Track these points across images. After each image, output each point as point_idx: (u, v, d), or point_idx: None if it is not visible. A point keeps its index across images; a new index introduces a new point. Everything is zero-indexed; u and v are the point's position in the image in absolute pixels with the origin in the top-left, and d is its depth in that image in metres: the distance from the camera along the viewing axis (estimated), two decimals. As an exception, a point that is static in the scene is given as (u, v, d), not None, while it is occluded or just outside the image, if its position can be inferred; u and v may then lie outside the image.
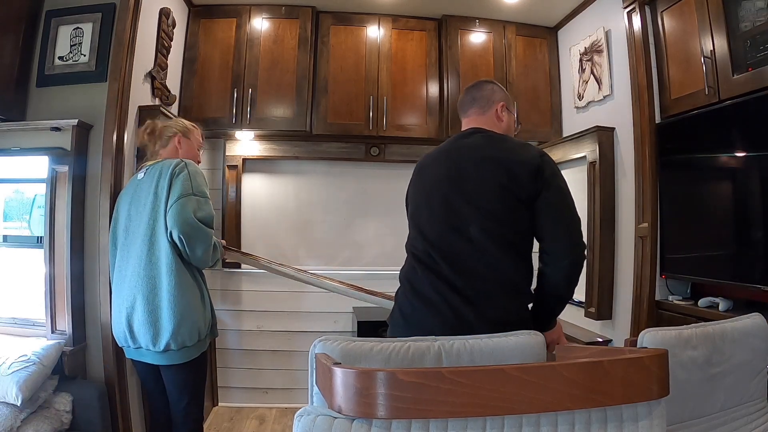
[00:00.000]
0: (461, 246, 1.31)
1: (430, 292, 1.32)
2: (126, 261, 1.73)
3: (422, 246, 1.38)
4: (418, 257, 1.38)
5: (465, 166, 1.37)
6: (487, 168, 1.34)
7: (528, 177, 1.30)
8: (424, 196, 1.44)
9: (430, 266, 1.34)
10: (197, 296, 1.74)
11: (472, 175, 1.35)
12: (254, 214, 3.18)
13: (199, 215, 1.67)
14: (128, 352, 1.79)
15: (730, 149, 1.99)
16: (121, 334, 1.74)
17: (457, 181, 1.36)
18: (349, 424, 0.68)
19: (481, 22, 3.09)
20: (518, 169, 1.31)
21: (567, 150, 2.86)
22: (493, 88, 1.53)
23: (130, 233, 1.74)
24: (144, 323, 1.66)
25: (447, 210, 1.36)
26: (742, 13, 1.85)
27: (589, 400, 0.68)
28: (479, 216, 1.31)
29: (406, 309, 1.38)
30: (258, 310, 3.13)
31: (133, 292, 1.68)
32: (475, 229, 1.30)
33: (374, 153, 3.17)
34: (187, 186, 1.68)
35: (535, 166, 1.31)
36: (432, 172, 1.45)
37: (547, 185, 1.30)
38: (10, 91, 2.06)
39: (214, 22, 2.94)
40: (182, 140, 1.90)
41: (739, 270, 1.94)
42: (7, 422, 1.67)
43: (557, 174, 1.34)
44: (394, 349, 1.02)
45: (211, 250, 1.74)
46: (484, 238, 1.29)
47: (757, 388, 1.36)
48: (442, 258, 1.32)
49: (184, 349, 1.69)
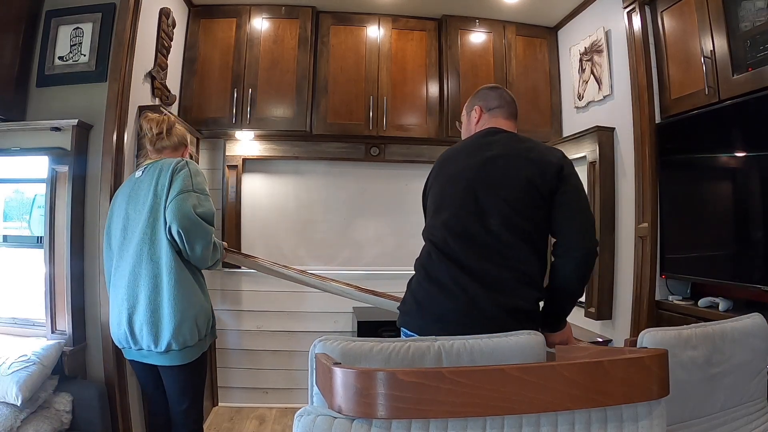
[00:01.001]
0: (480, 234, 1.35)
1: (445, 277, 1.34)
2: (124, 261, 1.71)
3: (440, 233, 1.40)
4: (435, 244, 1.41)
5: (494, 158, 1.41)
6: (517, 164, 1.39)
7: (553, 175, 1.36)
8: (448, 184, 1.47)
9: (447, 253, 1.37)
10: (198, 294, 1.72)
11: (499, 167, 1.39)
12: (254, 214, 3.18)
13: (199, 211, 1.66)
14: (128, 353, 1.77)
15: (730, 149, 1.99)
16: (122, 336, 1.71)
17: (483, 171, 1.40)
18: (349, 424, 0.68)
19: (481, 22, 3.09)
20: (546, 168, 1.37)
21: (567, 150, 2.84)
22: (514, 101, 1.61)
23: (128, 232, 1.72)
24: (146, 323, 1.64)
25: (470, 199, 1.39)
26: (742, 13, 1.85)
27: (589, 400, 0.68)
28: (502, 206, 1.35)
29: (420, 295, 1.39)
30: (258, 310, 3.13)
31: (134, 292, 1.66)
32: (495, 219, 1.34)
33: (374, 153, 3.17)
34: (187, 182, 1.68)
35: (559, 166, 1.38)
36: (458, 163, 1.48)
37: (566, 182, 1.37)
38: (10, 91, 2.06)
39: (214, 22, 2.94)
40: (185, 153, 1.92)
41: (739, 270, 1.94)
42: (7, 422, 1.67)
43: (575, 174, 1.41)
44: (394, 349, 1.02)
45: (211, 249, 1.72)
46: (504, 228, 1.33)
47: (757, 388, 1.36)
48: (460, 245, 1.35)
49: (186, 349, 1.68)
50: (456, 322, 1.29)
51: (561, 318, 1.44)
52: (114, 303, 1.74)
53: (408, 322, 1.40)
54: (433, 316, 1.34)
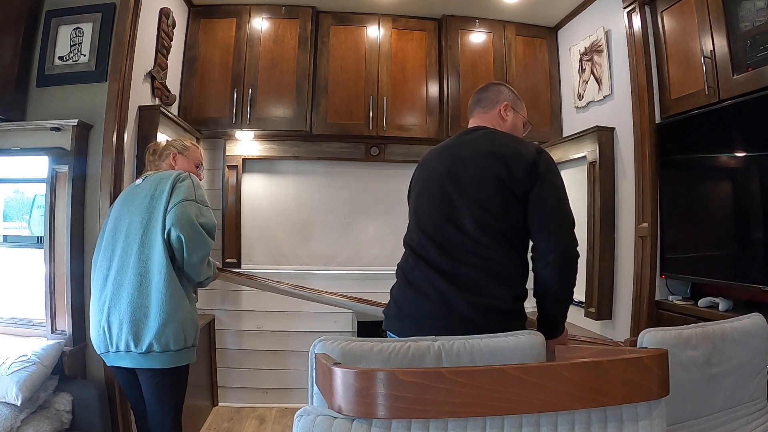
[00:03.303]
0: (455, 237, 1.33)
1: (422, 281, 1.34)
2: (110, 260, 1.67)
3: (418, 238, 1.40)
4: (413, 248, 1.41)
5: (463, 159, 1.39)
6: (484, 162, 1.35)
7: (524, 172, 1.31)
8: (424, 189, 1.46)
9: (423, 257, 1.36)
10: (186, 301, 1.67)
11: (469, 168, 1.37)
12: (254, 214, 3.18)
13: (202, 221, 1.65)
14: (108, 359, 1.68)
15: (730, 149, 1.99)
16: (99, 337, 1.64)
17: (455, 174, 1.38)
18: (349, 424, 0.68)
19: (481, 22, 3.09)
20: (515, 164, 1.32)
21: (567, 150, 2.86)
22: (500, 90, 1.57)
23: (117, 232, 1.70)
24: (126, 321, 1.58)
25: (443, 202, 1.38)
26: (742, 13, 1.85)
27: (589, 400, 0.68)
28: (474, 208, 1.32)
29: (400, 300, 1.40)
30: (258, 310, 3.13)
31: (117, 291, 1.62)
32: (469, 221, 1.32)
33: (374, 153, 3.17)
34: (190, 192, 1.67)
35: (531, 161, 1.31)
36: (433, 166, 1.47)
37: (541, 180, 1.31)
38: (10, 91, 2.06)
39: (214, 22, 2.94)
40: (177, 157, 1.90)
41: (739, 270, 1.94)
42: (7, 422, 1.67)
43: (552, 171, 1.34)
44: (394, 349, 1.02)
45: (206, 263, 1.71)
46: (478, 230, 1.31)
47: (757, 388, 1.36)
48: (435, 248, 1.34)
49: (168, 353, 1.61)
50: (432, 325, 1.28)
51: (552, 325, 1.36)
52: (95, 303, 1.69)
53: (390, 324, 1.41)
54: (411, 319, 1.34)
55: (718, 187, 2.10)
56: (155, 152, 1.93)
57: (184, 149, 1.92)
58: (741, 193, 1.96)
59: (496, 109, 1.53)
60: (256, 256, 3.17)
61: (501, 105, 1.53)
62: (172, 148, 1.92)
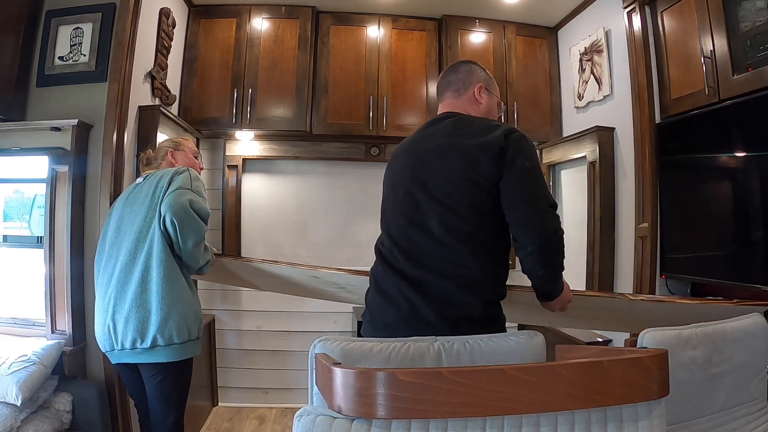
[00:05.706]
0: (421, 241, 1.26)
1: (391, 289, 1.29)
2: (115, 259, 1.68)
3: (387, 243, 1.34)
4: (382, 254, 1.35)
5: (428, 157, 1.31)
6: (449, 159, 1.27)
7: (490, 162, 1.22)
8: (390, 190, 1.41)
9: (391, 263, 1.30)
10: (187, 292, 1.69)
11: (433, 168, 1.29)
12: (254, 214, 3.18)
13: (195, 207, 1.66)
14: (112, 356, 1.69)
15: (730, 149, 1.99)
16: (105, 335, 1.65)
17: (419, 174, 1.31)
18: (349, 424, 0.68)
19: (481, 22, 3.09)
20: (480, 155, 1.23)
21: (567, 150, 2.86)
22: (471, 69, 1.45)
23: (121, 231, 1.71)
24: (132, 318, 1.59)
25: (408, 204, 1.31)
26: (742, 13, 1.85)
27: (589, 400, 0.68)
28: (440, 211, 1.25)
29: (372, 306, 1.36)
30: (258, 310, 3.13)
31: (123, 289, 1.63)
32: (435, 224, 1.25)
33: (374, 153, 3.17)
34: (186, 182, 1.68)
35: (497, 148, 1.22)
36: (398, 163, 1.41)
37: (509, 167, 1.21)
38: (10, 91, 2.06)
39: (214, 22, 2.94)
40: (175, 154, 1.91)
41: (739, 270, 1.94)
42: (7, 422, 1.67)
43: (523, 152, 1.23)
44: (394, 349, 1.02)
45: (202, 248, 1.71)
46: (445, 233, 1.24)
47: (757, 388, 1.36)
48: (401, 253, 1.28)
49: (172, 346, 1.62)
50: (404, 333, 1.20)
51: (544, 293, 1.31)
52: (100, 301, 1.70)
53: (365, 330, 1.37)
54: (383, 326, 1.30)
55: (718, 187, 2.10)
56: (149, 161, 1.94)
57: (177, 145, 1.94)
58: (741, 193, 1.96)
59: (469, 92, 1.42)
60: (256, 255, 3.15)
61: (475, 87, 1.42)
62: (166, 148, 1.93)
